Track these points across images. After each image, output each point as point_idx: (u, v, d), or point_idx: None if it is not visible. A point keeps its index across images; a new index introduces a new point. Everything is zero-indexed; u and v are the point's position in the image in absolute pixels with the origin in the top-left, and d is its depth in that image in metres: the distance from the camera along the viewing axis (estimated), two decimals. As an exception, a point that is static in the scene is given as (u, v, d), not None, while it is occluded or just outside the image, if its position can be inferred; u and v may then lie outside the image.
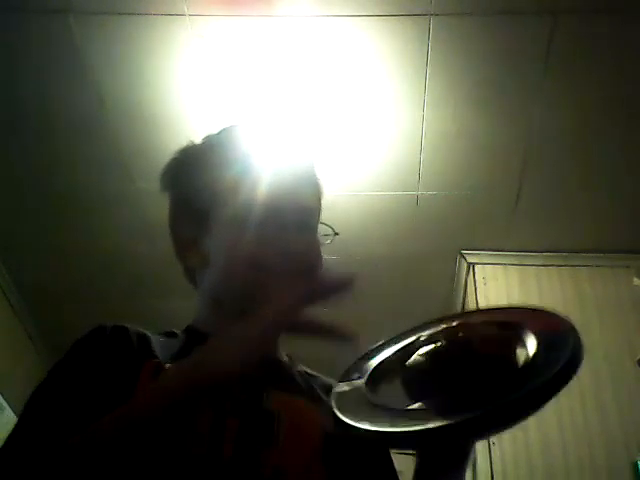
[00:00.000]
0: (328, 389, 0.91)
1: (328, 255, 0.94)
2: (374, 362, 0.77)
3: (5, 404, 2.78)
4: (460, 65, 2.20)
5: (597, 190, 2.60)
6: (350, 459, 0.84)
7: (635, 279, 2.76)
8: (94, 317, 0.85)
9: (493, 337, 0.69)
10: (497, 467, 2.41)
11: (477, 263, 2.88)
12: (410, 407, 0.69)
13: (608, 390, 2.52)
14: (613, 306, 2.72)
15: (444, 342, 0.70)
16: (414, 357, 0.72)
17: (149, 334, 0.86)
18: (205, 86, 2.26)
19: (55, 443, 0.65)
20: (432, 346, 0.71)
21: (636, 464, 2.33)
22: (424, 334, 0.75)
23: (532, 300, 2.69)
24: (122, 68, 2.23)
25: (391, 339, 0.80)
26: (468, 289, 2.88)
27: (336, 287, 0.64)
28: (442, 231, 2.80)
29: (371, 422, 0.65)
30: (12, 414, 2.76)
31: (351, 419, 0.67)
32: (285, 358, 0.93)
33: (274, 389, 0.84)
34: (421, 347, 0.72)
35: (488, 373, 0.65)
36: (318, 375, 0.92)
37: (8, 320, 3.08)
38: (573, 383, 0.61)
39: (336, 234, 0.90)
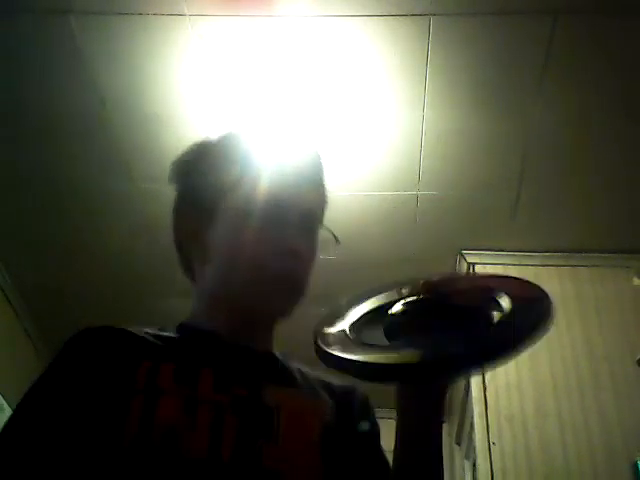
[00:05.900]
0: (325, 385, 0.91)
1: (328, 255, 0.94)
2: (357, 311, 0.79)
3: (5, 404, 2.78)
4: (460, 65, 2.20)
5: (597, 190, 2.60)
6: (347, 452, 0.84)
7: (635, 279, 2.76)
8: (94, 317, 0.85)
9: (469, 291, 0.74)
10: (497, 467, 2.41)
11: (477, 263, 2.88)
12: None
13: (608, 390, 2.52)
14: (613, 306, 2.72)
15: (423, 294, 0.75)
16: (395, 307, 0.76)
17: (134, 330, 0.85)
18: (205, 86, 2.26)
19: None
20: (413, 298, 0.76)
21: (636, 464, 2.33)
22: (405, 289, 0.79)
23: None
24: (123, 68, 2.23)
25: (370, 291, 0.83)
26: (468, 289, 2.88)
27: None
28: (442, 231, 2.80)
29: (356, 354, 0.69)
30: (12, 414, 2.75)
31: (338, 353, 0.69)
32: (280, 356, 0.93)
33: (272, 384, 0.84)
34: (402, 299, 0.76)
35: (463, 320, 0.69)
36: (315, 372, 0.93)
37: (8, 320, 3.08)
38: (573, 382, 0.62)
39: (337, 241, 0.91)
